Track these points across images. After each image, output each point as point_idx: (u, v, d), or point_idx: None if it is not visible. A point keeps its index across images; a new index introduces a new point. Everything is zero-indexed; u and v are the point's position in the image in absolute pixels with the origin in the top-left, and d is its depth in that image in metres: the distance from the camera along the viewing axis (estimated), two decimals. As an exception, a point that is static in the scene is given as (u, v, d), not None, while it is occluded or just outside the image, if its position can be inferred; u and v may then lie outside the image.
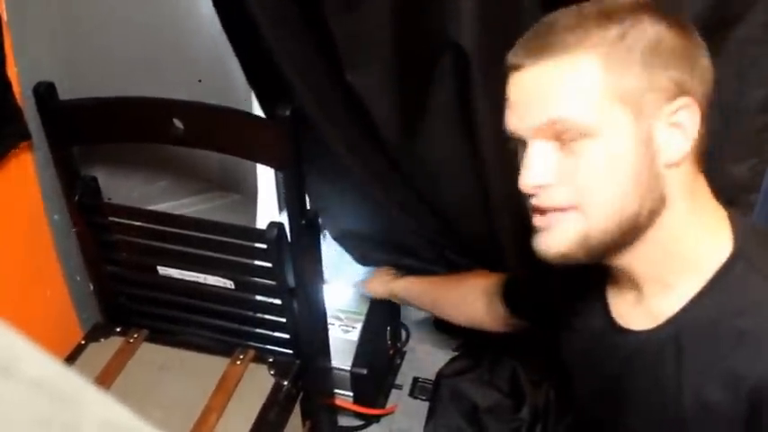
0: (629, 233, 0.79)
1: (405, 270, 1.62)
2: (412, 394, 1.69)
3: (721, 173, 1.14)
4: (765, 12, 1.01)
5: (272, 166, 1.30)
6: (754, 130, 1.10)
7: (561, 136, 0.77)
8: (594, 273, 0.91)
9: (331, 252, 1.68)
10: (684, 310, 0.81)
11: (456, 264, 1.56)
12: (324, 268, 1.36)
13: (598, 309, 0.94)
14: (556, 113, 0.76)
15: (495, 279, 1.32)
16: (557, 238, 0.80)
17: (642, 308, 0.87)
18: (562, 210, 0.79)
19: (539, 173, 0.79)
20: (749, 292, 0.78)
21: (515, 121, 0.80)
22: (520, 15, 1.12)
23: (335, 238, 1.68)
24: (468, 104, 1.20)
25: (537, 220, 0.82)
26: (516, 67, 0.79)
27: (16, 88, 1.14)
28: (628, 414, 0.92)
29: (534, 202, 0.81)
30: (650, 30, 0.76)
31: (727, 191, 1.16)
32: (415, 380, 1.72)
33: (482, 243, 1.45)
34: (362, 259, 1.71)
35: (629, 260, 0.84)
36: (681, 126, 0.77)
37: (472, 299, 1.36)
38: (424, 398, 1.66)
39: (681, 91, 0.76)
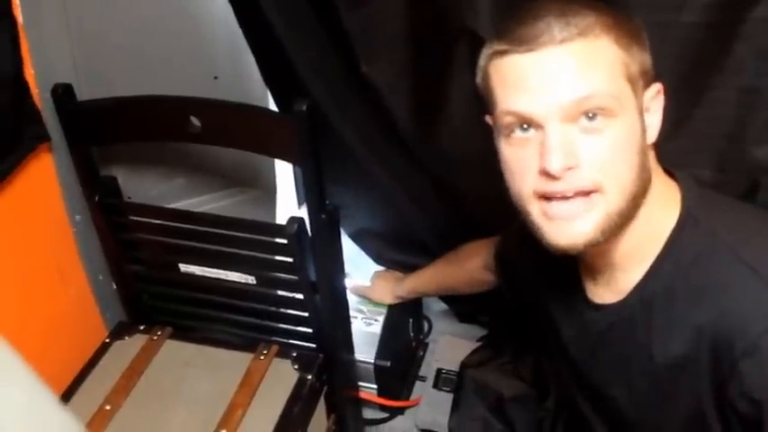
0: (633, 212, 0.82)
1: (406, 267, 1.64)
2: (436, 386, 1.68)
3: (743, 155, 1.12)
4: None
5: (290, 162, 1.30)
6: (776, 112, 1.08)
7: (587, 113, 0.76)
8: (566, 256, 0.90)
9: (351, 245, 1.68)
10: (647, 278, 0.86)
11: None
12: (344, 261, 1.35)
13: (572, 289, 0.98)
14: (588, 89, 0.76)
15: (488, 257, 1.34)
16: (585, 223, 0.79)
17: (612, 284, 0.91)
18: (586, 193, 0.78)
19: (566, 154, 0.76)
20: (698, 248, 0.82)
21: (535, 102, 0.77)
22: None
23: (351, 237, 1.68)
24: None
25: (557, 208, 0.80)
26: (527, 50, 0.77)
27: (34, 90, 1.14)
28: (608, 385, 0.97)
29: (557, 187, 0.78)
30: (628, 19, 0.81)
31: (750, 173, 1.14)
32: (439, 371, 1.71)
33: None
34: (378, 258, 1.72)
35: (614, 242, 0.85)
36: (657, 110, 0.84)
37: (474, 274, 1.41)
38: (448, 389, 1.65)
39: (652, 77, 0.83)
